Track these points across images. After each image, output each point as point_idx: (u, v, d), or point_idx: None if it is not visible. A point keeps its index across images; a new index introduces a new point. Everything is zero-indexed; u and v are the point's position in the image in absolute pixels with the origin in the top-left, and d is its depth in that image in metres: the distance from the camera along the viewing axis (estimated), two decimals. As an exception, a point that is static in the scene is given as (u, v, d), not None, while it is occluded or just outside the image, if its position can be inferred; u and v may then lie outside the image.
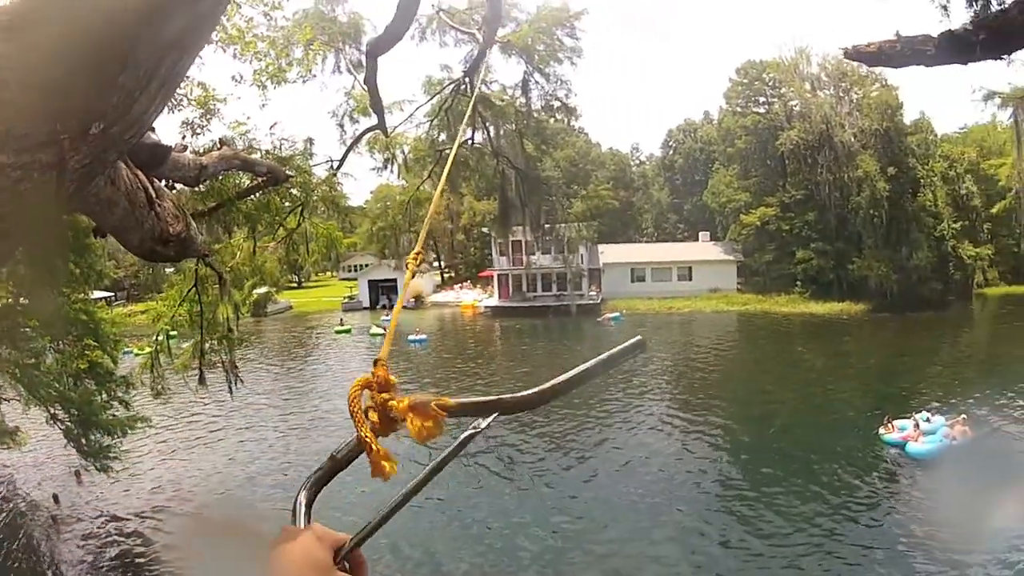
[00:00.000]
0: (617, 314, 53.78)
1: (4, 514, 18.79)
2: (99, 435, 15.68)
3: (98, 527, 18.42)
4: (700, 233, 65.64)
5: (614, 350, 1.06)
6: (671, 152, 77.20)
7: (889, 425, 22.31)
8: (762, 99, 61.56)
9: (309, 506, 1.04)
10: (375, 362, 1.12)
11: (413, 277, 1.50)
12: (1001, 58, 6.43)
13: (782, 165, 58.07)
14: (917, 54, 6.34)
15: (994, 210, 55.40)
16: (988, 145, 59.37)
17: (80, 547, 17.56)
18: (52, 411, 15.08)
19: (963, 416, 21.95)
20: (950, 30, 6.21)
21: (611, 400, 29.21)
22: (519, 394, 1.03)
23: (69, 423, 15.33)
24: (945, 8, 7.58)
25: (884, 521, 17.06)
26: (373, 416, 1.05)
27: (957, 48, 6.20)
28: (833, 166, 54.59)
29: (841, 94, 57.56)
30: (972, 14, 7.00)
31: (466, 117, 14.23)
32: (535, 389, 1.04)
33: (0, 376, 13.57)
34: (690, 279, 60.47)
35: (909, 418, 22.24)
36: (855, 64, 51.50)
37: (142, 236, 5.18)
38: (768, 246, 57.54)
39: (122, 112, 1.86)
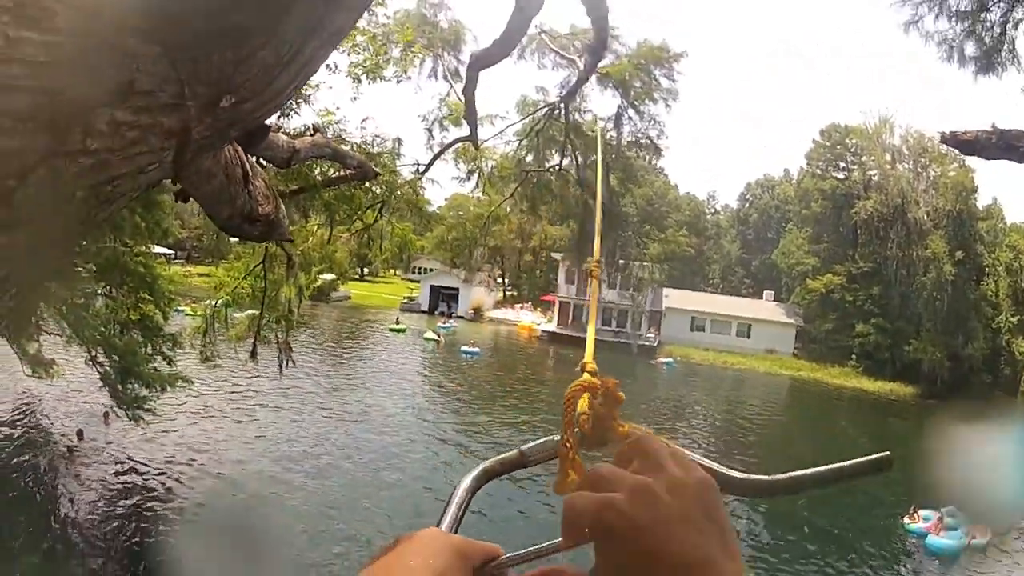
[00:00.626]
0: (671, 359, 53.52)
1: (22, 441, 19.02)
2: (137, 385, 15.56)
3: (113, 468, 18.68)
4: (765, 291, 64.94)
5: (853, 462, 0.91)
6: (747, 205, 76.63)
7: (914, 515, 22.00)
8: (842, 164, 60.69)
9: (471, 495, 0.91)
10: (581, 366, 1.01)
11: (600, 286, 1.32)
12: None
13: (854, 234, 57.10)
14: (1010, 149, 6.24)
15: None
16: None
17: (89, 483, 17.81)
18: (93, 353, 15.04)
19: None
20: None
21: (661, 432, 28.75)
22: (753, 477, 0.90)
23: (108, 368, 15.23)
24: None
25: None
26: (585, 425, 0.93)
27: None
28: (903, 242, 53.76)
29: (920, 169, 56.67)
30: None
31: (599, 151, 14.25)
32: (772, 478, 0.91)
33: (46, 310, 13.46)
34: (748, 336, 59.68)
35: (935, 510, 21.76)
36: (936, 140, 51.19)
37: (232, 212, 5.25)
38: (830, 314, 56.56)
39: (258, 89, 1.84)
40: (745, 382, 50.92)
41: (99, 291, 14.95)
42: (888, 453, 0.89)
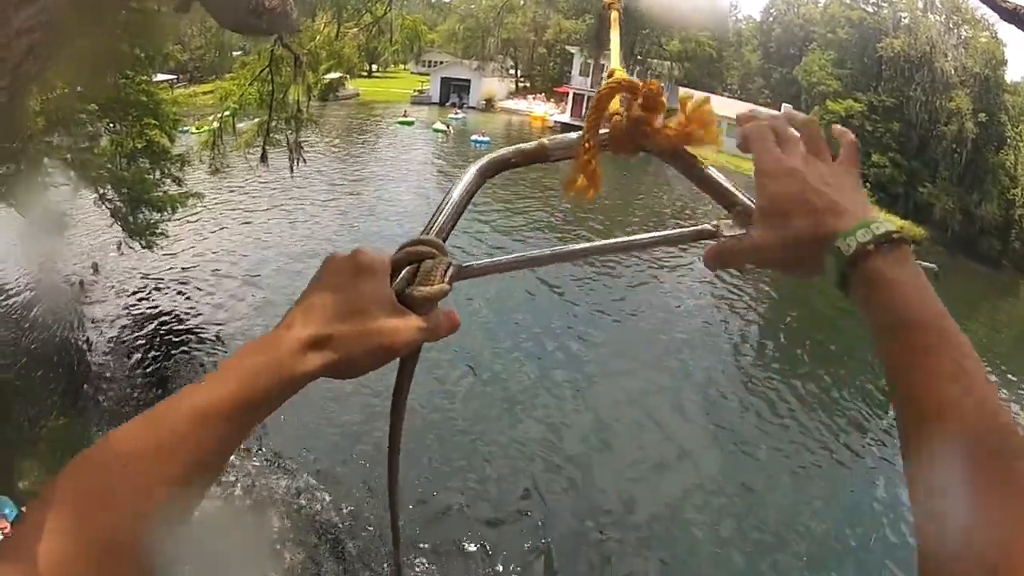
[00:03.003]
0: None
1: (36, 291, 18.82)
2: (148, 212, 15.32)
3: (132, 293, 18.65)
4: (784, 104, 62.51)
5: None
6: (770, 19, 73.58)
7: None
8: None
9: (481, 181, 0.88)
10: (610, 72, 0.92)
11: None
12: None
13: (879, 68, 55.25)
14: None
15: None
16: None
17: (108, 308, 17.74)
18: (101, 191, 14.66)
19: None
20: None
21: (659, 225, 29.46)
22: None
23: (119, 202, 14.94)
24: None
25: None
26: (617, 126, 0.88)
27: None
28: (928, 88, 52.23)
29: (951, 26, 54.48)
30: None
31: None
32: None
33: (52, 162, 13.04)
34: (763, 147, 58.36)
35: None
36: (971, 4, 49.33)
37: (238, 6, 5.08)
38: (848, 139, 55.14)
39: None
40: (754, 187, 50.38)
41: (103, 129, 14.50)
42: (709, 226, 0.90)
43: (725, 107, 60.03)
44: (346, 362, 0.70)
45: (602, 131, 0.88)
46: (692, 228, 0.91)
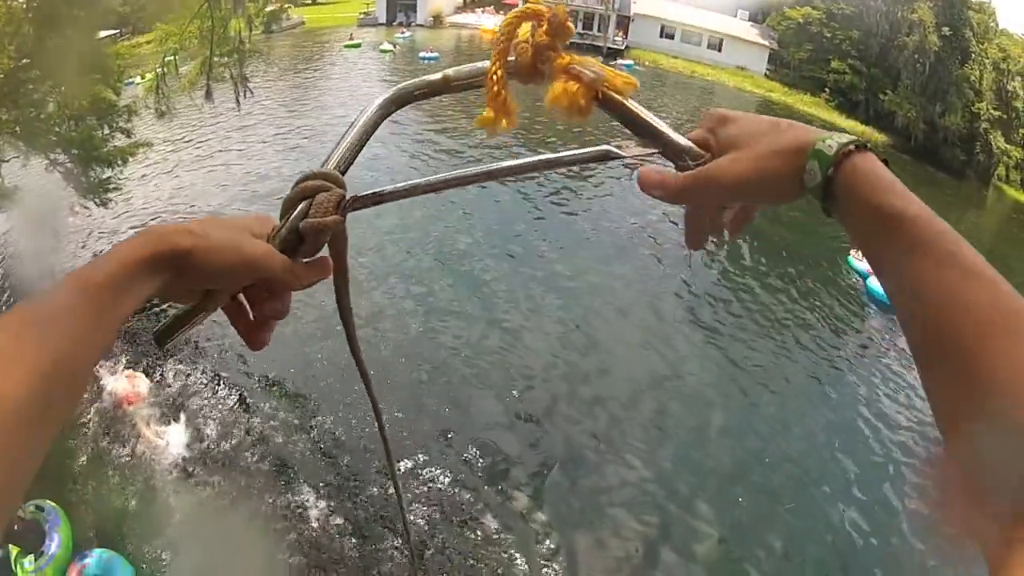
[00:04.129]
0: (630, 62, 52.91)
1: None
2: (99, 169, 14.89)
3: (79, 246, 17.97)
4: (739, 10, 62.43)
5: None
6: (723, -78, 72.38)
7: (859, 252, 21.98)
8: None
9: (380, 118, 0.87)
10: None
11: None
12: None
13: (836, -26, 54.92)
14: None
15: None
16: None
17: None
18: (52, 157, 14.11)
19: None
20: None
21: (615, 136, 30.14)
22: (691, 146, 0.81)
23: (69, 164, 14.41)
24: None
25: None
26: (523, 53, 0.85)
27: None
28: None
29: None
30: None
31: None
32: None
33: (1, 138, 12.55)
34: (719, 50, 58.35)
35: None
36: None
37: None
38: (806, 44, 55.07)
39: None
40: (713, 94, 50.90)
41: (49, 93, 13.81)
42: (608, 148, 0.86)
43: (677, 12, 59.86)
44: (208, 251, 0.70)
45: (511, 59, 0.86)
46: (595, 149, 0.87)
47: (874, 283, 20.36)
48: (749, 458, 12.60)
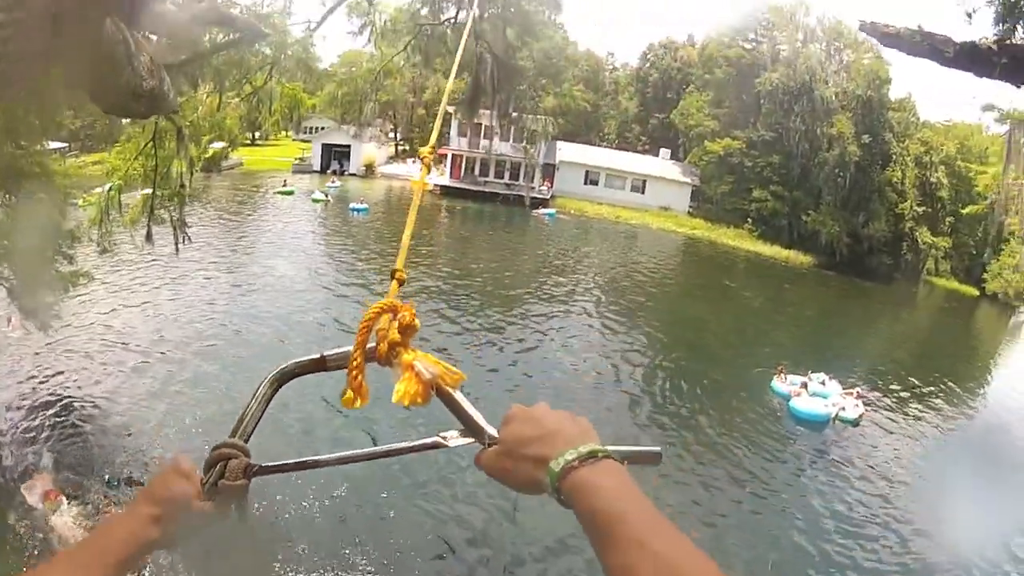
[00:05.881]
0: (552, 211, 54.65)
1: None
2: (42, 291, 14.50)
3: (24, 377, 17.25)
4: (661, 149, 65.09)
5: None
6: (647, 66, 75.57)
7: (782, 375, 22.12)
8: (751, 35, 60.17)
9: (272, 393, 1.11)
10: (392, 273, 1.17)
11: (428, 172, 1.48)
12: (1019, 85, 6.22)
13: (757, 104, 57.02)
14: (935, 52, 6.15)
15: (964, 211, 55.22)
16: (970, 145, 58.90)
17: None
18: None
19: (857, 389, 22.09)
20: (974, 43, 5.98)
21: (542, 288, 30.96)
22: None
23: (14, 281, 13.93)
24: (970, 16, 7.28)
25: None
26: (381, 345, 1.02)
27: (977, 62, 5.99)
28: (808, 117, 54.25)
29: (832, 52, 57.24)
30: (997, 33, 6.71)
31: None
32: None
33: None
34: (643, 192, 60.25)
35: (805, 375, 22.04)
36: (853, 28, 50.61)
37: (117, 91, 4.86)
38: (727, 177, 57.13)
39: None
40: (638, 237, 51.84)
41: None
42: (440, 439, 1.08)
43: (601, 157, 61.76)
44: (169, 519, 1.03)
45: (371, 345, 1.04)
46: (426, 440, 1.08)
47: (795, 404, 20.65)
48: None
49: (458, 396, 1.03)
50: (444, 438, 1.05)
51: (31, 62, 1.73)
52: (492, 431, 0.99)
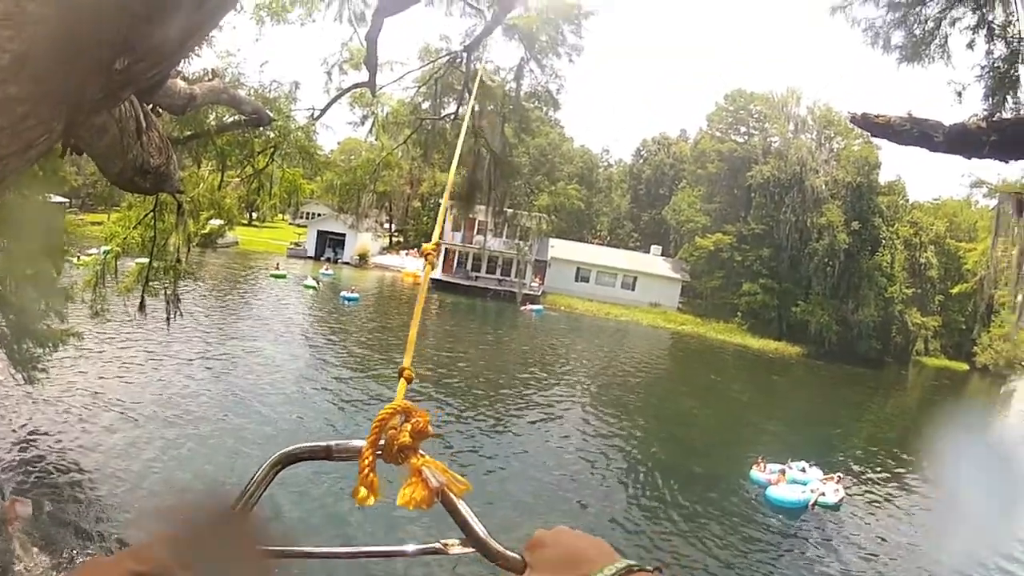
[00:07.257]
0: (540, 307, 55.09)
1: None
2: (31, 345, 14.90)
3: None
4: (652, 246, 66.24)
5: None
6: (641, 161, 77.21)
7: (761, 464, 22.14)
8: (743, 128, 61.81)
9: (274, 474, 1.05)
10: (400, 371, 1.15)
11: (433, 269, 1.43)
12: (1007, 161, 6.43)
13: (748, 197, 58.25)
14: (924, 138, 6.30)
15: (953, 290, 56.39)
16: (959, 221, 60.42)
17: None
18: None
19: (838, 474, 22.16)
20: (963, 124, 6.17)
21: (530, 383, 31.00)
22: (516, 555, 1.01)
23: (4, 327, 14.44)
24: (959, 95, 7.56)
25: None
26: (392, 445, 1.02)
27: (966, 142, 6.16)
28: (798, 208, 55.31)
29: (823, 140, 58.50)
30: (985, 109, 6.96)
31: (474, 91, 13.89)
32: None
33: None
34: (633, 289, 60.95)
35: (785, 463, 22.15)
36: (844, 114, 52.69)
37: (124, 165, 4.97)
38: (717, 272, 58.00)
39: (153, 48, 1.75)
40: (628, 333, 52.09)
41: None
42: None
43: (592, 254, 62.33)
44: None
45: (382, 442, 1.03)
46: (428, 545, 1.08)
47: (772, 492, 20.65)
48: None
49: (461, 506, 1.03)
50: (446, 545, 1.05)
51: (40, 147, 1.76)
52: (497, 547, 1.00)
